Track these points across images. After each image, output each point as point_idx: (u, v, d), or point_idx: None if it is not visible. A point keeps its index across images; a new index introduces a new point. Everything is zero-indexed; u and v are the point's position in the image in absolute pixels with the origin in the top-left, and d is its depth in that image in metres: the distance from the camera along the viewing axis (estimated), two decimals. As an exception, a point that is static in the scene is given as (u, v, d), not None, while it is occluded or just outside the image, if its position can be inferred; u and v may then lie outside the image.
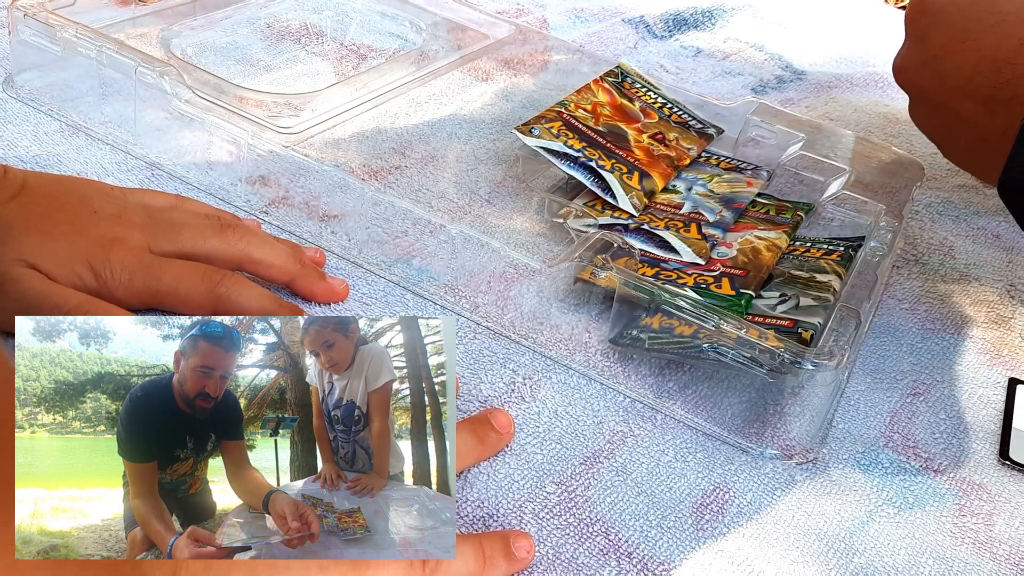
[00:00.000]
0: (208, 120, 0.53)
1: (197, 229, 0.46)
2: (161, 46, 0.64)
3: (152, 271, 0.43)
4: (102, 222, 0.44)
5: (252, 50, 0.69)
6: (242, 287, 0.44)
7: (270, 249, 0.47)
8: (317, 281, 0.48)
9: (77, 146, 0.57)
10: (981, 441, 0.48)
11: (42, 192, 0.44)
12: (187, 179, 0.55)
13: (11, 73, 0.61)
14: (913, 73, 0.56)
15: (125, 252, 0.43)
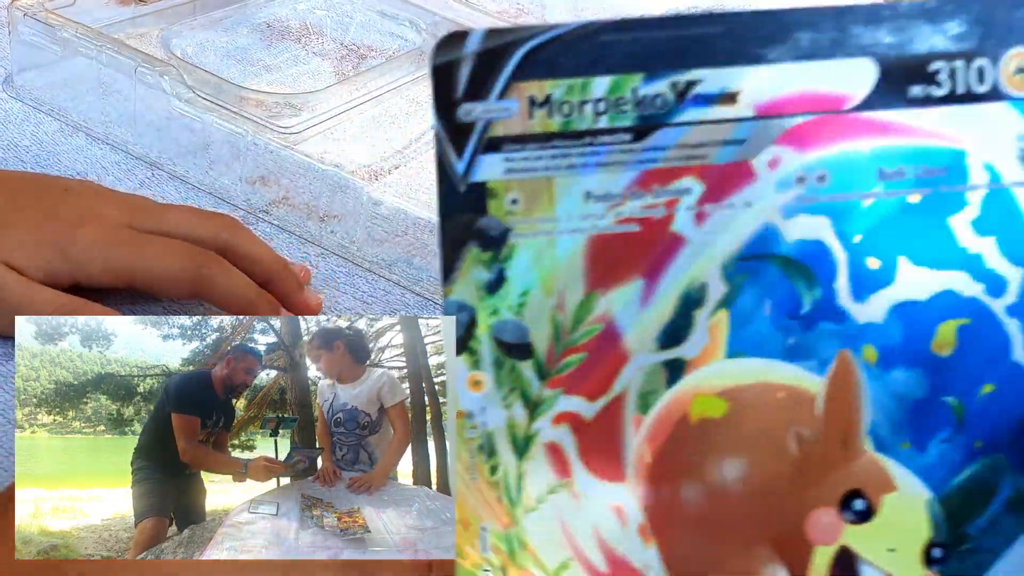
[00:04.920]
0: (208, 120, 0.53)
1: (182, 212, 0.44)
2: (161, 46, 0.64)
3: (130, 247, 0.41)
4: (73, 199, 0.41)
5: (252, 50, 0.69)
6: (228, 272, 0.42)
7: (256, 245, 0.46)
8: (295, 290, 0.46)
9: (77, 146, 0.57)
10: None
11: (6, 184, 0.42)
12: (187, 179, 0.55)
13: (11, 73, 0.61)
14: None
15: (98, 227, 0.40)
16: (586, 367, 0.27)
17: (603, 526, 0.27)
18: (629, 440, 0.27)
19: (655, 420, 0.27)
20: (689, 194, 0.27)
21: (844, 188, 0.27)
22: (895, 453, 0.27)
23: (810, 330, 0.27)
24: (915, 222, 0.27)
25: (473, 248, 0.27)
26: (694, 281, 0.27)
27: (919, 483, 0.27)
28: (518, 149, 0.27)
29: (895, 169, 0.27)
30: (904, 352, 0.27)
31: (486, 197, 0.27)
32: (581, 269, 0.27)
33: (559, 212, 0.27)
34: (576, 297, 0.27)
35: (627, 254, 0.27)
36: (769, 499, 0.27)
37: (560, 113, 0.26)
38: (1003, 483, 0.27)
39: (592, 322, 0.27)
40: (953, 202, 0.27)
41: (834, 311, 0.27)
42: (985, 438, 0.27)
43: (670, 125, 0.27)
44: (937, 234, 0.27)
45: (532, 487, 0.28)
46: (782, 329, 0.27)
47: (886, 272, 0.27)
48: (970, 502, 0.27)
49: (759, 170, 0.27)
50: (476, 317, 0.27)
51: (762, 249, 0.27)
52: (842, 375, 0.27)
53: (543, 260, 0.27)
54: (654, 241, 0.27)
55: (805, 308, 0.27)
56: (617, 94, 0.26)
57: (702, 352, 0.27)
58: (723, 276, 0.27)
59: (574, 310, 0.27)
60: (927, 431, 0.27)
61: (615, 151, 0.27)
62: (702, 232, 0.27)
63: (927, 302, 0.27)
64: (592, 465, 0.27)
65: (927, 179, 0.27)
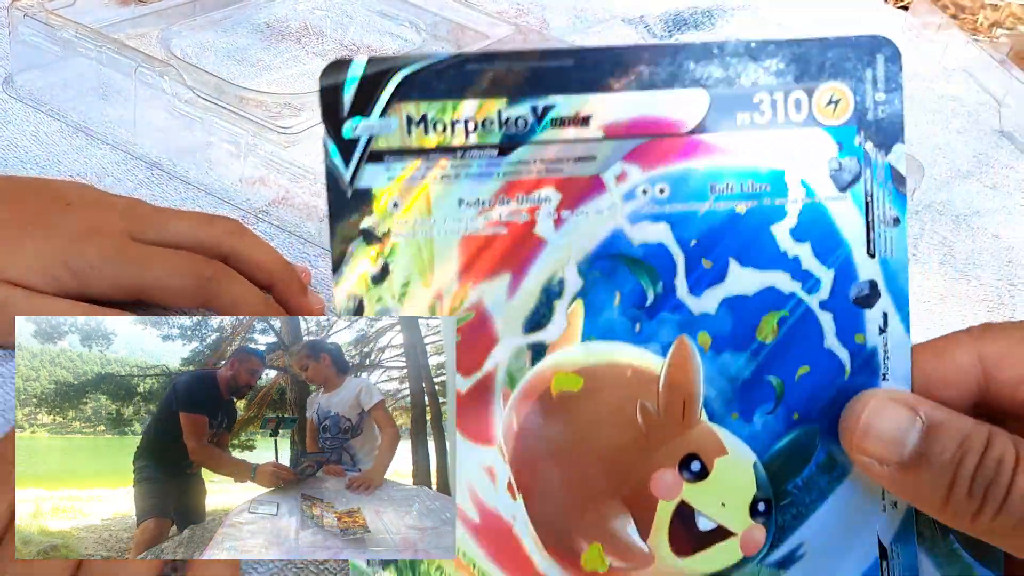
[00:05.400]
0: (208, 120, 0.53)
1: (183, 217, 0.44)
2: (161, 46, 0.64)
3: (139, 263, 0.41)
4: (77, 212, 0.41)
5: (252, 50, 0.69)
6: (235, 284, 0.42)
7: (260, 249, 0.45)
8: (297, 293, 0.46)
9: (77, 146, 0.57)
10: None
11: (4, 196, 0.41)
12: (187, 179, 0.55)
13: (11, 73, 0.61)
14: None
15: (104, 241, 0.40)
16: (461, 348, 0.31)
17: (476, 484, 0.32)
18: (498, 410, 0.32)
19: (521, 393, 0.32)
20: (548, 202, 0.31)
21: (682, 199, 0.31)
22: (726, 423, 0.32)
23: (653, 319, 0.32)
24: (742, 229, 0.31)
25: (360, 244, 0.31)
26: (554, 276, 0.31)
27: (746, 448, 0.32)
28: (398, 160, 0.30)
29: (725, 184, 0.31)
30: (733, 338, 0.32)
31: (371, 201, 0.30)
32: (455, 265, 0.31)
33: (435, 215, 0.31)
34: (452, 289, 0.31)
35: (496, 252, 0.31)
36: (619, 461, 0.32)
37: (434, 131, 0.30)
38: (817, 448, 0.32)
39: (466, 310, 0.31)
40: (775, 213, 0.31)
41: (674, 303, 0.32)
42: (801, 411, 0.32)
43: (531, 143, 0.31)
44: (761, 240, 0.31)
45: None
46: (630, 317, 0.32)
47: (718, 271, 0.31)
48: (789, 464, 0.32)
49: (608, 183, 0.31)
50: (363, 304, 0.31)
51: (612, 250, 0.31)
52: (680, 357, 0.32)
53: (422, 256, 0.31)
54: (519, 242, 0.31)
55: (649, 300, 0.31)
56: (484, 115, 0.30)
57: (561, 336, 0.31)
58: (579, 272, 0.31)
59: (450, 300, 0.31)
60: (753, 405, 0.32)
61: (483, 164, 0.31)
62: (560, 235, 0.31)
63: (753, 297, 0.32)
64: (467, 431, 0.32)
65: (752, 193, 0.31)
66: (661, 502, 0.32)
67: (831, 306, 0.32)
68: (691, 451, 0.32)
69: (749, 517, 0.32)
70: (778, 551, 0.32)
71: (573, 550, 0.32)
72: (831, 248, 0.32)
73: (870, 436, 0.30)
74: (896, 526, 0.32)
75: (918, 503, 0.30)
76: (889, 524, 0.32)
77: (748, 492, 0.32)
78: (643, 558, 0.32)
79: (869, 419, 0.30)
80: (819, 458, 0.32)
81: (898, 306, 0.32)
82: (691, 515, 0.32)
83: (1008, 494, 0.28)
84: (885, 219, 0.32)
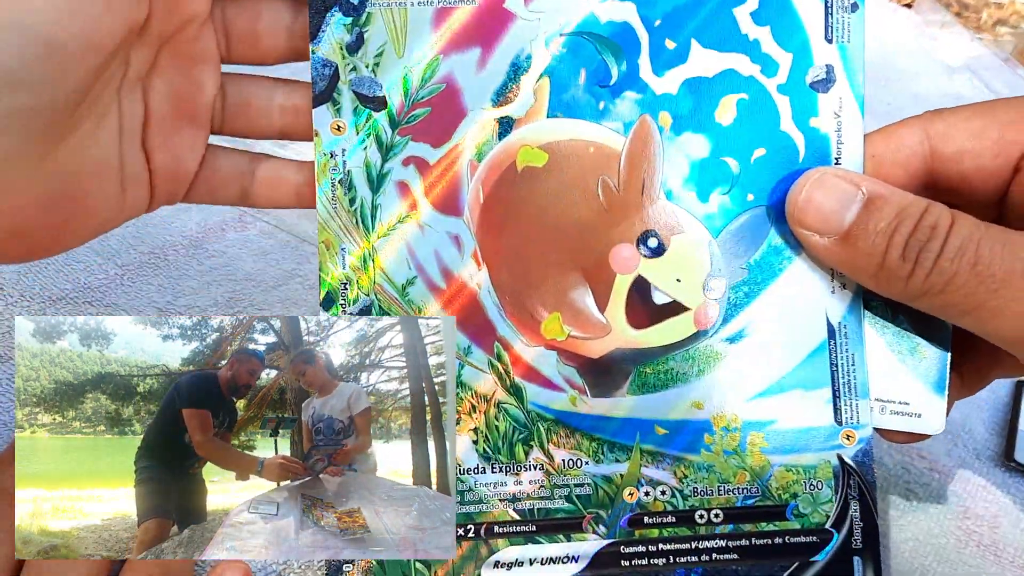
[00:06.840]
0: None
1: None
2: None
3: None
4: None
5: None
6: None
7: None
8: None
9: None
10: (986, 443, 0.47)
11: None
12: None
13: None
14: None
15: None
16: (431, 119, 0.32)
17: (443, 252, 0.33)
18: (465, 182, 0.33)
19: (488, 166, 0.33)
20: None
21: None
22: (683, 202, 0.33)
23: (616, 96, 0.32)
24: (705, 11, 0.32)
25: (336, 14, 0.32)
26: (522, 51, 0.32)
27: (702, 227, 0.33)
28: None
29: None
30: (693, 119, 0.32)
31: None
32: (428, 36, 0.32)
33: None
34: (423, 59, 0.32)
35: (467, 26, 0.32)
36: (580, 235, 0.33)
37: None
38: (770, 229, 0.33)
39: (436, 82, 0.32)
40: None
41: (637, 82, 0.32)
42: (756, 192, 0.33)
43: None
44: (723, 22, 0.32)
45: (384, 217, 0.33)
46: (594, 95, 0.32)
47: (680, 51, 0.32)
48: (742, 243, 0.33)
49: None
50: (338, 71, 0.32)
51: (580, 28, 0.32)
52: (642, 135, 0.33)
53: (396, 27, 0.32)
54: (490, 16, 0.32)
55: (613, 79, 0.32)
56: None
57: (528, 112, 0.32)
58: (547, 48, 0.32)
59: (421, 71, 0.32)
60: (709, 185, 0.33)
61: None
62: (529, 11, 0.32)
63: (713, 79, 0.32)
64: (435, 201, 0.33)
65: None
66: (619, 276, 0.33)
67: (788, 90, 0.32)
68: (649, 228, 0.33)
69: (703, 293, 0.33)
70: (729, 326, 0.33)
71: (534, 318, 0.33)
72: (790, 32, 0.32)
73: (810, 209, 0.31)
74: (845, 306, 0.33)
75: (854, 274, 0.31)
76: (838, 304, 0.33)
77: (702, 269, 0.33)
78: (600, 328, 0.33)
79: (811, 193, 0.31)
80: (771, 239, 0.33)
81: (854, 92, 0.32)
82: (647, 289, 0.33)
83: (940, 254, 0.29)
84: (844, 5, 0.32)
